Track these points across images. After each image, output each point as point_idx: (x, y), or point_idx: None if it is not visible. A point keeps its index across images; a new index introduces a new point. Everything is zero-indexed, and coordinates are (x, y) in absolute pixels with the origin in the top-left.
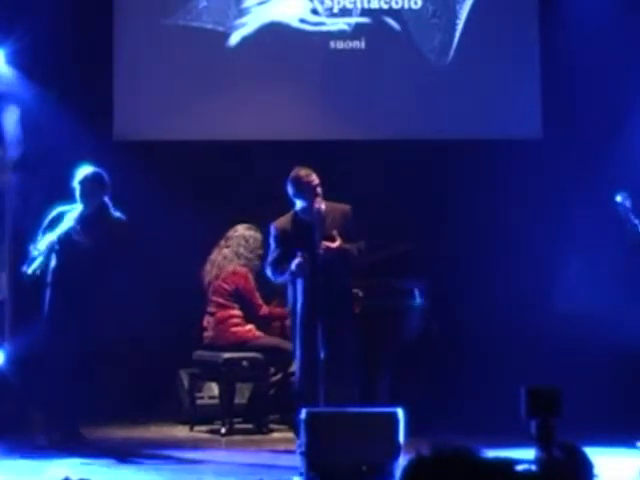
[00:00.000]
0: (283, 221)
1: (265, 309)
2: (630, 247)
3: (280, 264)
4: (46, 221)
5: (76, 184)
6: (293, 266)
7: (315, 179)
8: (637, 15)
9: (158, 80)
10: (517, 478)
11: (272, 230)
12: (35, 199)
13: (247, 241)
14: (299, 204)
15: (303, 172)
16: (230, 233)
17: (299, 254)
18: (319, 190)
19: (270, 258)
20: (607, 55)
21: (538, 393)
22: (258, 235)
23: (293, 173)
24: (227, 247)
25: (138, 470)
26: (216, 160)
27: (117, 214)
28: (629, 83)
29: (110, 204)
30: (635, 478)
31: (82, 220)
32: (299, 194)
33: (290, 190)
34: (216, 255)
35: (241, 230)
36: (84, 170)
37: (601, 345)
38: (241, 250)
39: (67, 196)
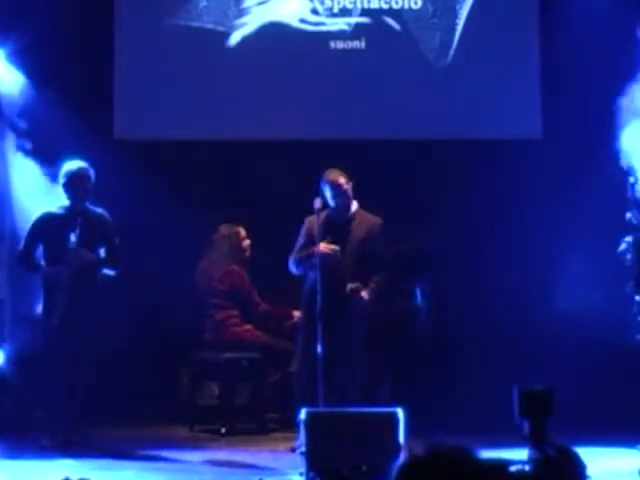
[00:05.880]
0: (314, 218)
1: (264, 306)
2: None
3: (300, 252)
4: (31, 224)
5: (63, 179)
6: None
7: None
8: (637, 15)
9: (158, 80)
10: (511, 478)
11: (304, 223)
12: None
13: (228, 238)
14: (332, 204)
15: (343, 179)
16: (213, 237)
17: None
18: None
19: (295, 249)
20: (607, 55)
21: (530, 394)
22: (238, 229)
23: (333, 177)
24: (213, 251)
25: (138, 470)
26: (216, 160)
27: (99, 210)
28: (629, 83)
29: (91, 201)
30: (635, 478)
31: (80, 239)
32: (335, 198)
33: (328, 192)
34: (205, 262)
35: (221, 231)
36: (71, 165)
37: (601, 345)
38: (225, 249)
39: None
